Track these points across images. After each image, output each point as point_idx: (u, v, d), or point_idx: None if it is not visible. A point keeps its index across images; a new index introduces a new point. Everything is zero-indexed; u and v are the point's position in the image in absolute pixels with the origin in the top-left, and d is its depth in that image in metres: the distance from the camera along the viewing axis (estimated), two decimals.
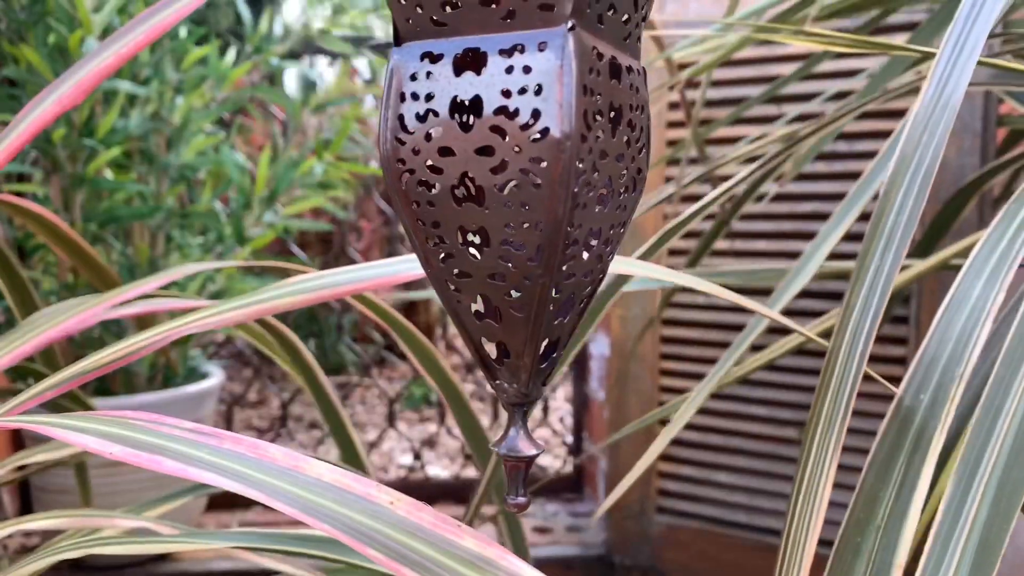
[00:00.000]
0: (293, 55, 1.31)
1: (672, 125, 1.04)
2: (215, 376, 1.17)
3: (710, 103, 1.01)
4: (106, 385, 1.11)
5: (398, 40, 0.21)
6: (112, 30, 0.96)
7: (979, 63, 0.34)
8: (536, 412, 1.57)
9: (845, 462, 0.35)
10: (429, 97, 0.20)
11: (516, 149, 0.19)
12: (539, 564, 1.18)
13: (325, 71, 1.44)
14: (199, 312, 0.34)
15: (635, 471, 0.51)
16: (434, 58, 0.20)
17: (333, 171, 1.04)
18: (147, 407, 1.00)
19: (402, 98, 0.20)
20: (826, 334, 0.47)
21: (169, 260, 1.10)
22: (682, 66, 0.91)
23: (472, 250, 0.20)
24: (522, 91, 0.19)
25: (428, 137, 0.20)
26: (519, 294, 0.20)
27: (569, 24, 0.18)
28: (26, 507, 1.19)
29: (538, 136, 0.19)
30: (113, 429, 0.22)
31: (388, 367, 2.31)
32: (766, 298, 0.53)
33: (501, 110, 0.19)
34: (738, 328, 0.97)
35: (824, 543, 0.24)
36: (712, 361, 0.98)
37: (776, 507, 0.99)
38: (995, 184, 0.89)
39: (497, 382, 0.22)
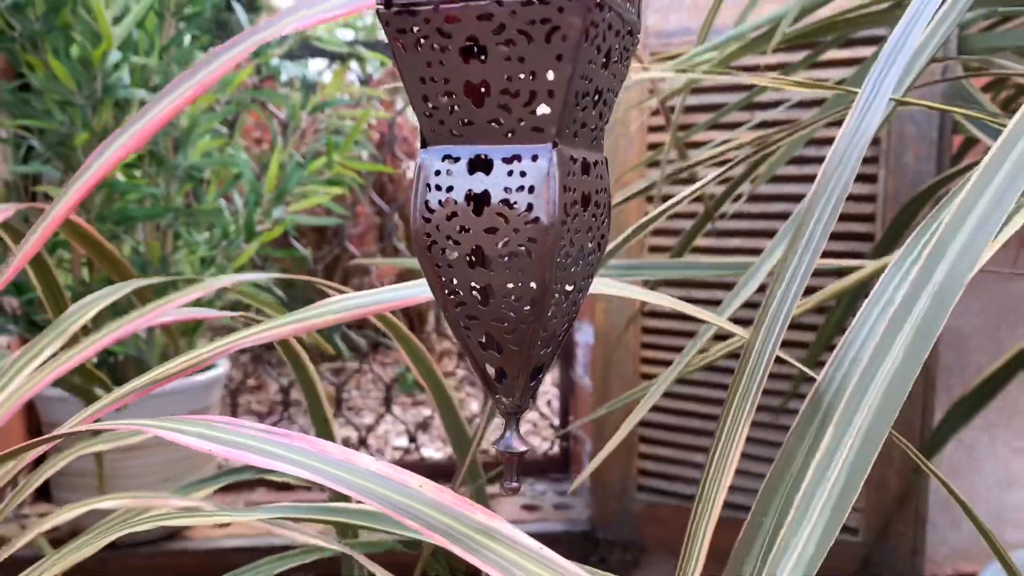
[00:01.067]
0: (291, 56, 1.36)
1: (653, 129, 1.11)
2: (221, 365, 1.24)
3: (689, 109, 1.08)
4: (118, 373, 1.18)
5: (424, 143, 0.28)
6: (132, 42, 1.01)
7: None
8: None
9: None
10: (449, 188, 0.27)
11: (515, 231, 0.26)
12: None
13: (324, 71, 1.50)
14: (259, 327, 0.41)
15: (611, 444, 0.58)
16: (453, 159, 0.27)
17: (340, 169, 1.11)
18: (167, 395, 1.07)
19: (428, 187, 0.27)
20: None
21: (178, 256, 1.16)
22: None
23: (479, 301, 0.28)
24: (519, 189, 0.26)
25: (448, 217, 0.27)
26: (515, 334, 0.27)
27: (554, 142, 0.25)
28: (43, 488, 1.26)
29: (531, 222, 0.26)
30: (206, 431, 0.29)
31: (382, 352, 2.38)
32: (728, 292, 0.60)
33: (504, 202, 0.26)
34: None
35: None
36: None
37: (747, 486, 1.07)
38: (950, 188, 0.96)
39: (497, 396, 0.30)
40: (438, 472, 1.45)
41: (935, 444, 0.91)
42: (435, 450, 1.68)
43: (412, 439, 1.55)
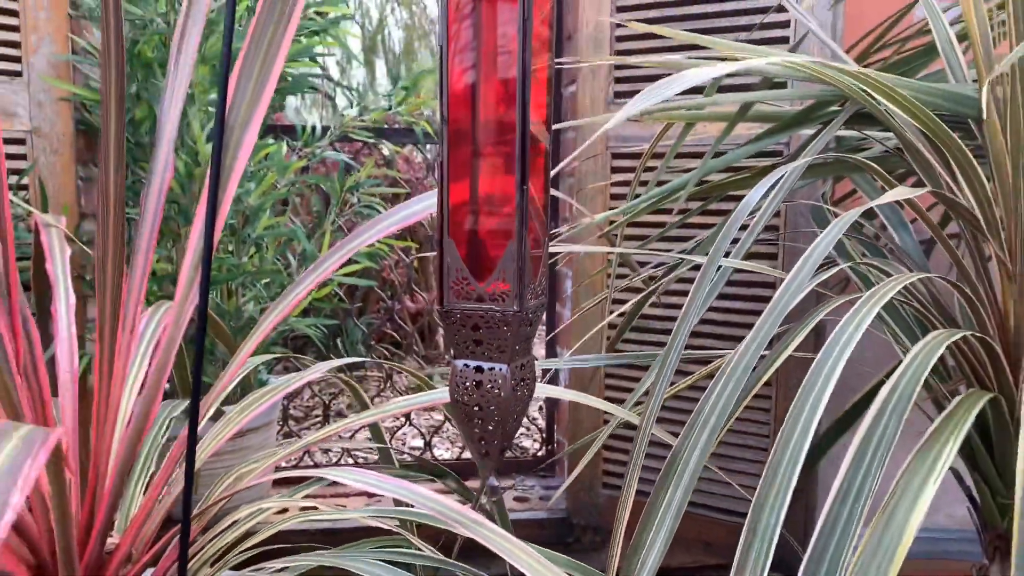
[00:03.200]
0: (331, 144, 1.70)
1: (614, 197, 1.44)
2: (273, 379, 1.58)
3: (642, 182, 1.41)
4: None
5: (456, 355, 0.61)
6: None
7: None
8: None
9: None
10: (465, 372, 0.61)
11: (492, 394, 0.60)
12: (518, 524, 1.61)
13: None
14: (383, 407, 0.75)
15: (577, 469, 0.92)
16: (468, 364, 0.61)
17: (380, 246, 1.46)
18: (261, 415, 1.41)
19: (459, 375, 0.61)
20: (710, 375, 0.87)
21: (248, 306, 1.50)
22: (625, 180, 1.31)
23: (479, 422, 0.61)
24: (493, 380, 0.60)
25: (465, 386, 0.61)
26: (496, 442, 0.61)
27: (509, 362, 0.59)
28: None
29: (500, 394, 0.59)
30: (366, 478, 0.62)
31: (398, 359, 2.72)
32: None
33: (490, 383, 0.60)
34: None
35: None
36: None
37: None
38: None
39: (482, 459, 0.63)
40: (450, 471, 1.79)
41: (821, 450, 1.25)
42: (445, 450, 2.03)
43: (427, 442, 1.90)
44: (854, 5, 1.26)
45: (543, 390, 0.82)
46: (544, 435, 1.83)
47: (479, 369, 0.56)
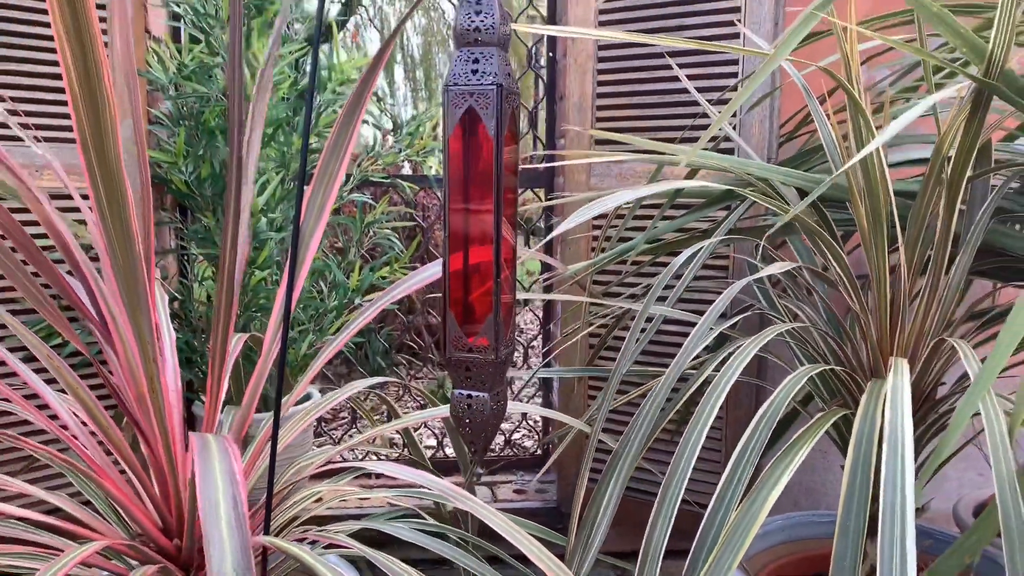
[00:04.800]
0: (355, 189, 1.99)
1: (594, 250, 1.71)
2: (316, 392, 1.87)
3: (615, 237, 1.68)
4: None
5: (454, 385, 0.89)
6: (271, 203, 1.64)
7: None
8: (518, 414, 2.27)
9: None
10: (459, 398, 0.88)
11: (482, 411, 0.88)
12: (515, 512, 1.89)
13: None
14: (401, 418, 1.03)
15: (581, 483, 1.19)
16: (462, 392, 0.88)
17: (399, 272, 1.75)
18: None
19: (456, 400, 0.89)
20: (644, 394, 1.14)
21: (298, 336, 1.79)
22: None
23: (469, 433, 0.89)
24: (483, 403, 0.88)
25: (462, 407, 0.88)
26: (480, 443, 0.89)
27: (490, 390, 0.87)
28: None
29: (483, 411, 0.87)
30: (399, 471, 0.90)
31: (415, 368, 3.01)
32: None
33: (480, 405, 0.88)
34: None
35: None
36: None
37: (653, 478, 1.69)
38: None
39: (471, 454, 0.91)
40: (458, 467, 2.07)
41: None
42: (427, 436, 2.31)
43: (439, 442, 2.18)
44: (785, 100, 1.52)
45: (514, 407, 1.09)
46: (540, 436, 2.11)
47: (469, 396, 0.84)
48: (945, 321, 1.03)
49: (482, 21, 0.75)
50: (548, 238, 1.14)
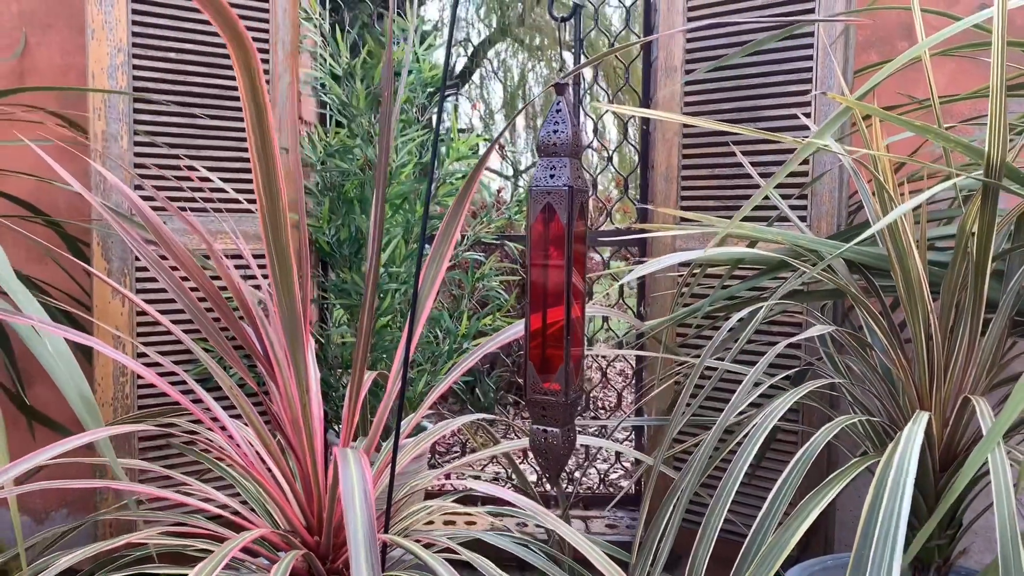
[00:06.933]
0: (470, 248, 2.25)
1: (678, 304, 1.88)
2: (430, 426, 2.11)
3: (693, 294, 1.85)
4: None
5: (533, 422, 1.09)
6: (394, 257, 1.92)
7: None
8: (613, 454, 2.43)
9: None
10: (537, 432, 1.09)
11: (556, 444, 1.08)
12: (610, 543, 2.05)
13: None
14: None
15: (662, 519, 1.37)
16: (539, 427, 1.09)
17: (502, 321, 1.98)
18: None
19: (535, 433, 1.09)
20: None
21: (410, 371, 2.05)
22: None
23: (544, 456, 1.09)
24: (556, 436, 1.08)
25: (538, 442, 1.09)
26: (555, 469, 1.09)
27: (562, 425, 1.07)
28: None
29: (556, 444, 1.07)
30: (485, 487, 1.10)
31: (520, 407, 3.23)
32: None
33: (557, 433, 1.08)
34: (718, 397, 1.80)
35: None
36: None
37: (730, 517, 1.81)
38: None
39: (548, 479, 1.10)
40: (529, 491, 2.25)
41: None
42: (529, 472, 2.49)
43: (539, 478, 2.37)
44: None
45: (583, 439, 1.28)
46: (631, 475, 2.26)
47: (545, 431, 1.04)
48: (984, 380, 1.14)
49: (558, 138, 0.97)
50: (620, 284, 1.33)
